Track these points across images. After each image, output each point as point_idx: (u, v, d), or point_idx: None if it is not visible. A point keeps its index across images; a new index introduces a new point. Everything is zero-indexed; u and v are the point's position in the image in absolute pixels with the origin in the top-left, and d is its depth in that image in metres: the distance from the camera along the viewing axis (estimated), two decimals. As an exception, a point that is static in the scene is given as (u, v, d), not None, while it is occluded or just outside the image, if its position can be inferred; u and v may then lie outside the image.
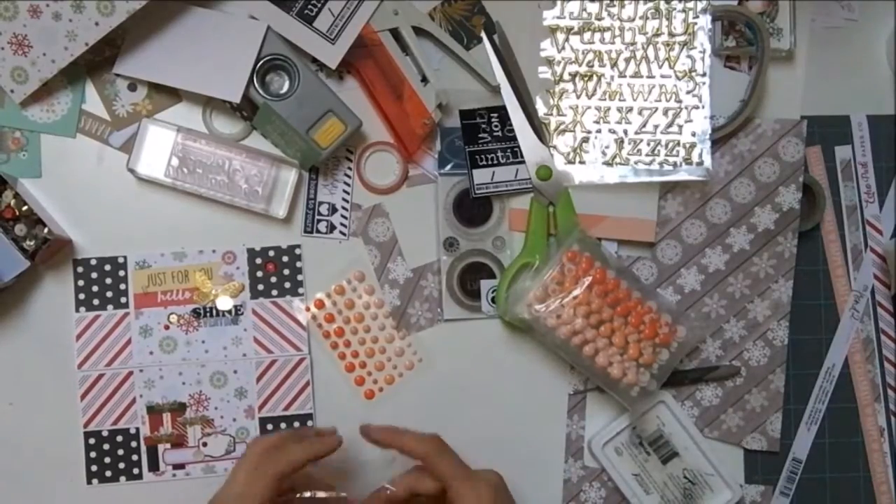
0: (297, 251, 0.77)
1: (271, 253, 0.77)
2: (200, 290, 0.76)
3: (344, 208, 0.78)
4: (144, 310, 0.76)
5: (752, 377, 0.80)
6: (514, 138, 0.78)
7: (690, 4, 0.78)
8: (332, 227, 0.78)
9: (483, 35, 0.77)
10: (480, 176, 0.78)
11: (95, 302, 0.76)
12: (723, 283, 0.80)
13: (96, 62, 0.75)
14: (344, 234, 0.78)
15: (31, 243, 0.72)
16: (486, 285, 0.78)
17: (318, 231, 0.78)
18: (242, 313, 0.77)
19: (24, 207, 0.72)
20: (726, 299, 0.80)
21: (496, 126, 0.78)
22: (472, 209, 0.79)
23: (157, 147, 0.75)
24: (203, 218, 0.77)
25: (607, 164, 0.78)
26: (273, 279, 0.77)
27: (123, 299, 0.76)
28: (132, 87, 0.76)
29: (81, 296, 0.76)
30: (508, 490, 0.70)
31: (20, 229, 0.72)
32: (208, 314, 0.77)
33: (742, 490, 0.80)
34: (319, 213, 0.78)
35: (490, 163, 0.78)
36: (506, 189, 0.78)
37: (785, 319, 0.81)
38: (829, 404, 0.82)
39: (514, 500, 0.70)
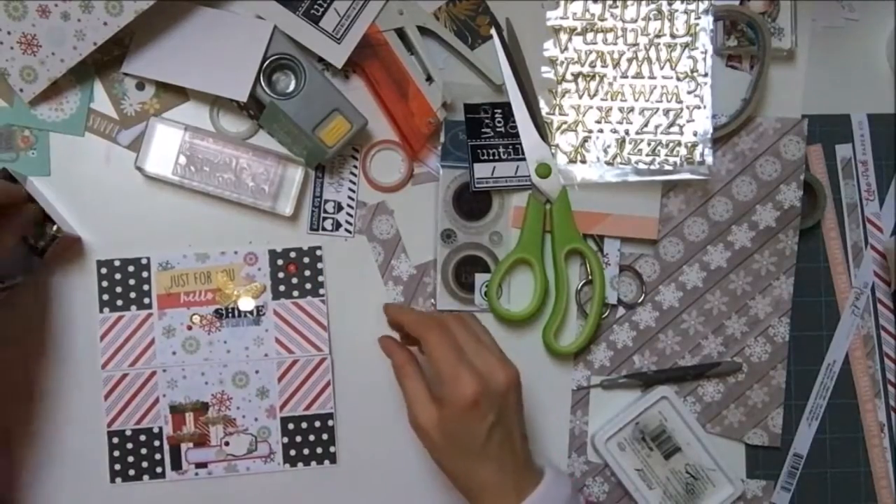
0: (318, 252, 0.78)
1: (293, 254, 0.78)
2: (223, 291, 0.77)
3: (349, 206, 0.79)
4: (167, 310, 0.77)
5: (753, 373, 0.81)
6: (517, 135, 0.78)
7: (692, 6, 0.79)
8: (337, 225, 0.79)
9: (493, 31, 0.78)
10: (481, 170, 0.78)
11: (119, 303, 0.76)
12: (724, 279, 0.81)
13: (105, 61, 0.76)
14: (349, 232, 0.79)
15: (41, 241, 0.73)
16: (480, 279, 0.79)
17: (323, 229, 0.78)
18: (264, 314, 0.77)
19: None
20: (728, 296, 0.81)
21: (499, 122, 0.79)
22: (471, 203, 0.79)
23: (165, 145, 0.75)
24: (209, 215, 0.77)
25: (608, 163, 0.79)
26: (294, 280, 0.78)
27: (147, 300, 0.77)
28: (140, 86, 0.77)
29: (105, 297, 0.76)
30: (507, 400, 0.67)
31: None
32: (230, 315, 0.77)
33: (744, 485, 0.81)
34: (325, 211, 0.78)
35: (491, 158, 0.79)
36: (505, 185, 0.79)
37: (786, 316, 0.81)
38: (830, 400, 0.82)
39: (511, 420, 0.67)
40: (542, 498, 0.66)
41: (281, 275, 0.78)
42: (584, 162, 0.79)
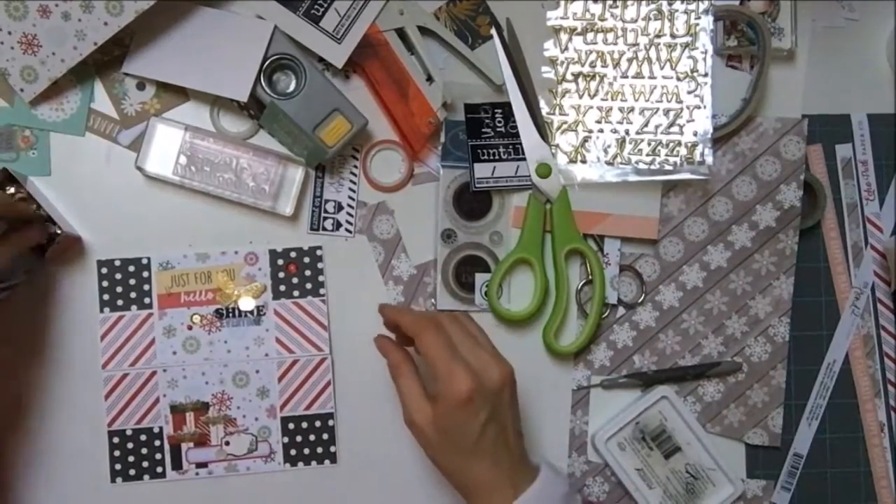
0: (319, 252, 0.78)
1: (293, 254, 0.78)
2: (223, 291, 0.77)
3: (350, 206, 0.79)
4: (168, 310, 0.77)
5: (753, 373, 0.81)
6: (517, 135, 0.78)
7: (692, 6, 0.79)
8: (337, 225, 0.79)
9: (493, 31, 0.78)
10: (481, 170, 0.78)
11: (119, 303, 0.76)
12: (724, 279, 0.81)
13: (105, 61, 0.76)
14: (350, 232, 0.79)
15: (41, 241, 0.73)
16: (480, 279, 0.79)
17: (324, 229, 0.79)
18: (264, 314, 0.77)
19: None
20: (728, 296, 0.81)
21: (499, 122, 0.79)
22: (471, 203, 0.79)
23: (166, 145, 0.75)
24: (209, 215, 0.77)
25: (609, 163, 0.79)
26: (294, 280, 0.78)
27: (147, 300, 0.77)
28: (140, 86, 0.77)
29: (106, 296, 0.76)
30: (502, 394, 0.67)
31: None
32: (231, 314, 0.77)
33: (744, 485, 0.81)
34: (326, 211, 0.78)
35: (491, 158, 0.79)
36: (506, 185, 0.79)
37: (786, 316, 0.81)
38: (830, 400, 0.82)
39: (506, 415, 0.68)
40: (538, 494, 0.66)
41: (281, 275, 0.78)
42: (584, 162, 0.79)
